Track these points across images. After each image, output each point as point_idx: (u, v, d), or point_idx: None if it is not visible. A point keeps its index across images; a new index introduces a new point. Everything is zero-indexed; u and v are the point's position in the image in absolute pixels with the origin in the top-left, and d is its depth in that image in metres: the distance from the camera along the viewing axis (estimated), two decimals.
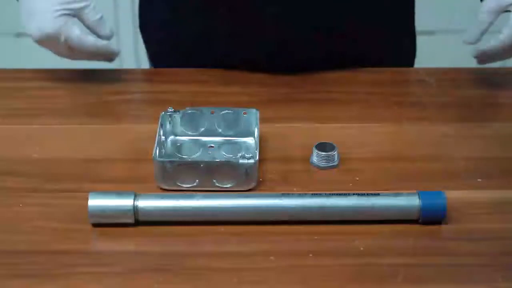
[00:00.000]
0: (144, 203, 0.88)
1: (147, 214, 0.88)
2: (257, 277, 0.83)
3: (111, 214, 0.87)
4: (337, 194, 0.89)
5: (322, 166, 0.98)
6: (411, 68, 1.22)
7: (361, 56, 1.19)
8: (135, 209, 0.87)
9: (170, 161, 0.92)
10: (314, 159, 0.98)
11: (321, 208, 0.88)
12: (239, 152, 0.97)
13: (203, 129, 1.01)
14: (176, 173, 0.92)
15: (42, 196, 0.93)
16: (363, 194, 0.89)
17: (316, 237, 0.87)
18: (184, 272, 0.83)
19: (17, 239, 0.87)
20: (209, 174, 0.92)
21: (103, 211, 0.87)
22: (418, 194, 0.88)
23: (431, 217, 0.89)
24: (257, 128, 0.99)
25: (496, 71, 1.11)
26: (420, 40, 1.28)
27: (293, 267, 0.84)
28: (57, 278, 0.82)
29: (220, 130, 1.01)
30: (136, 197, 0.88)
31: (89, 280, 0.82)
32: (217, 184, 0.93)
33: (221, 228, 0.88)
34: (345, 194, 0.89)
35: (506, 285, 0.82)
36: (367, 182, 0.96)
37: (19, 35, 2.16)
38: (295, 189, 0.94)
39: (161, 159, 0.93)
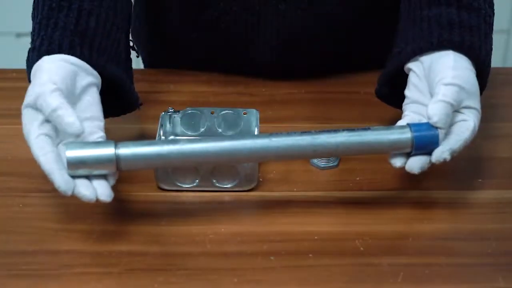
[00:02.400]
0: (126, 151, 0.84)
1: (130, 162, 0.84)
2: (257, 277, 0.83)
3: (92, 164, 0.82)
4: (327, 131, 0.87)
5: (322, 166, 0.98)
6: None
7: (365, 60, 1.18)
8: (117, 158, 0.84)
9: None
10: (314, 159, 0.98)
11: (312, 146, 0.86)
12: None
13: (203, 129, 1.01)
14: (176, 173, 0.92)
15: (42, 196, 0.93)
16: (353, 130, 0.87)
17: (316, 237, 0.87)
18: (184, 272, 0.83)
19: (17, 239, 0.87)
20: (209, 174, 0.92)
21: (83, 162, 0.82)
22: (409, 126, 0.88)
23: (424, 148, 0.87)
24: (257, 128, 0.99)
25: (497, 71, 1.11)
26: None
27: (293, 267, 0.84)
28: (57, 278, 0.82)
29: (220, 130, 1.01)
30: (117, 145, 0.84)
31: (89, 280, 0.82)
32: (217, 184, 0.93)
33: (222, 228, 0.88)
34: (335, 131, 0.87)
35: (506, 285, 0.82)
36: (367, 182, 0.96)
37: (19, 35, 2.16)
38: (295, 189, 0.94)
39: None
